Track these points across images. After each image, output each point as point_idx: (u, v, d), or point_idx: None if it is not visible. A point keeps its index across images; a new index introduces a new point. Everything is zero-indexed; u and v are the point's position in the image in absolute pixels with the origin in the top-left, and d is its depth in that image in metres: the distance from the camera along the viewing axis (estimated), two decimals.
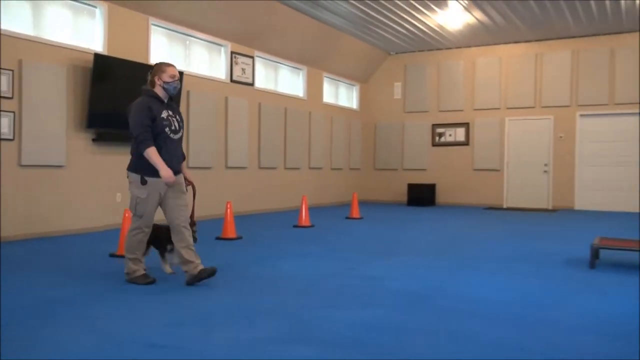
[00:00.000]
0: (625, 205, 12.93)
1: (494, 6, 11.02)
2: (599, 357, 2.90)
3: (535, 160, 13.86)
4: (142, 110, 4.33)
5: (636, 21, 11.94)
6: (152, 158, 4.29)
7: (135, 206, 4.42)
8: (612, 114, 13.06)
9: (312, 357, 2.85)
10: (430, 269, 5.45)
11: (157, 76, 4.46)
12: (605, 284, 4.80)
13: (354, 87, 15.66)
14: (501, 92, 14.14)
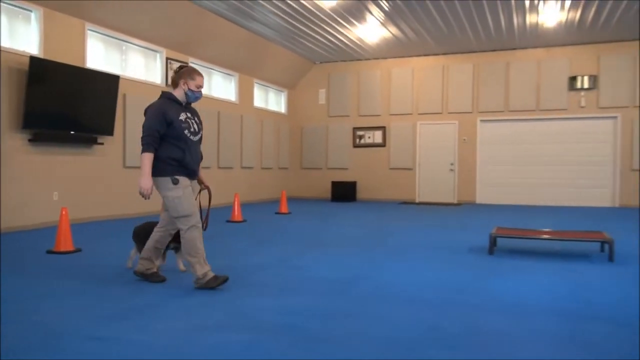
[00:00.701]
0: (519, 199, 13.66)
1: (407, 23, 11.32)
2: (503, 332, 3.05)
3: (443, 160, 14.36)
4: (156, 116, 3.93)
5: (527, 39, 12.62)
6: (144, 163, 3.89)
7: (177, 207, 3.95)
8: (507, 120, 13.75)
9: (245, 342, 2.83)
10: (354, 258, 5.50)
11: (184, 80, 4.07)
12: (503, 267, 5.03)
13: (283, 93, 15.63)
14: (413, 99, 14.55)
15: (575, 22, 11.17)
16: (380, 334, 2.97)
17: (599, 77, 12.89)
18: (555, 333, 3.02)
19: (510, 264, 5.21)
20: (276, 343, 2.81)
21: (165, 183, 3.96)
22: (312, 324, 3.16)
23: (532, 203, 13.49)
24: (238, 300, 3.73)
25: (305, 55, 14.47)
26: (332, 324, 3.18)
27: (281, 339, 2.87)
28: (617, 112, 12.81)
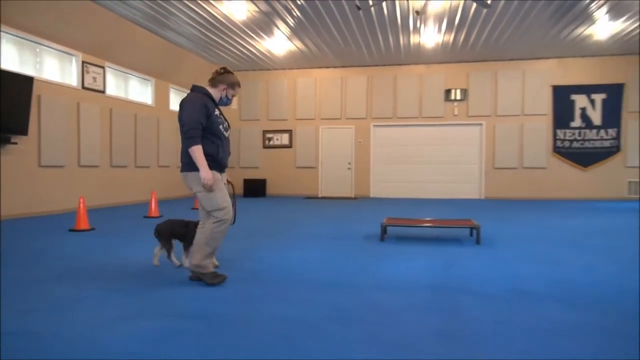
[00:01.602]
0: (406, 193, 14.33)
1: (310, 38, 11.47)
2: (390, 307, 3.21)
3: (342, 159, 14.73)
4: (199, 109, 3.57)
5: (411, 56, 13.26)
6: (197, 156, 3.54)
7: (212, 201, 3.62)
8: (396, 125, 14.37)
9: (161, 329, 2.76)
10: (265, 248, 5.50)
11: (225, 86, 3.78)
12: (392, 252, 5.27)
13: None
14: (316, 106, 14.77)
15: (450, 43, 11.92)
16: (287, 315, 3.02)
17: (468, 90, 13.85)
18: (431, 304, 3.24)
19: (398, 249, 5.45)
20: (192, 327, 2.77)
21: (197, 177, 3.61)
22: (225, 309, 3.14)
23: (417, 196, 14.22)
24: (152, 290, 3.61)
25: (218, 63, 14.19)
26: (245, 307, 3.18)
27: (195, 323, 2.83)
28: (482, 120, 13.84)
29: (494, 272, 4.25)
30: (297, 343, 2.54)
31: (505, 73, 13.65)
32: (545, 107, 13.52)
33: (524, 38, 11.45)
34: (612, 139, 13.21)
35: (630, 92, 13.09)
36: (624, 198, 13.20)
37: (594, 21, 10.17)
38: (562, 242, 5.93)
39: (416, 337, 2.62)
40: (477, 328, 2.78)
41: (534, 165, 13.59)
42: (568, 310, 3.12)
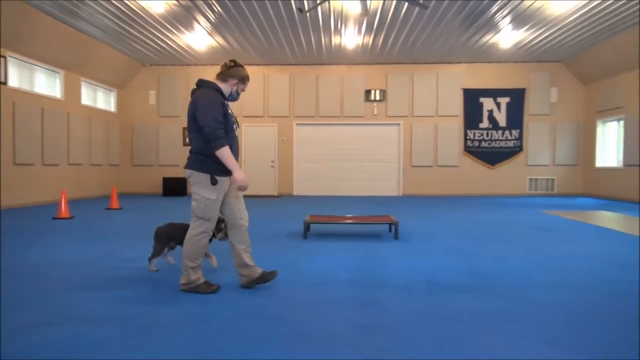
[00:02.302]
0: (328, 190, 14.55)
1: (232, 35, 11.29)
2: (310, 302, 3.24)
3: (265, 157, 14.65)
4: (218, 107, 3.30)
5: (333, 57, 13.47)
6: (226, 158, 3.28)
7: (204, 208, 3.35)
8: (318, 124, 14.54)
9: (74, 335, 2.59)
10: None
11: (236, 80, 3.50)
12: (314, 249, 5.33)
13: (112, 92, 14.43)
14: (239, 103, 14.56)
15: (369, 46, 12.25)
16: (205, 314, 2.95)
17: (387, 91, 14.32)
18: (351, 299, 3.32)
19: (320, 246, 5.52)
20: (107, 332, 2.63)
21: (203, 180, 3.34)
22: (141, 310, 3.01)
23: (339, 193, 14.48)
24: (65, 294, 3.38)
25: (135, 57, 13.56)
26: (159, 310, 3.07)
27: (108, 328, 2.69)
28: (400, 120, 14.38)
29: (411, 266, 4.43)
30: (212, 342, 2.49)
31: (421, 76, 14.27)
32: (456, 109, 14.31)
33: (438, 43, 12.04)
34: (515, 139, 14.26)
35: (531, 96, 14.21)
36: (525, 194, 14.31)
37: (499, 30, 10.92)
38: (473, 236, 6.31)
39: (337, 331, 2.67)
40: (395, 319, 2.89)
41: (447, 164, 14.34)
42: (480, 299, 3.33)
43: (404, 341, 2.53)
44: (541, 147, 14.29)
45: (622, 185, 12.43)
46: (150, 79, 14.69)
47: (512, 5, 9.29)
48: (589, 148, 14.07)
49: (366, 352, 2.38)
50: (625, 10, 9.41)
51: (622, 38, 11.08)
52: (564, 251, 5.17)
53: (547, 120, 14.29)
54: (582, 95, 14.29)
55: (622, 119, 12.63)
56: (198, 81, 3.49)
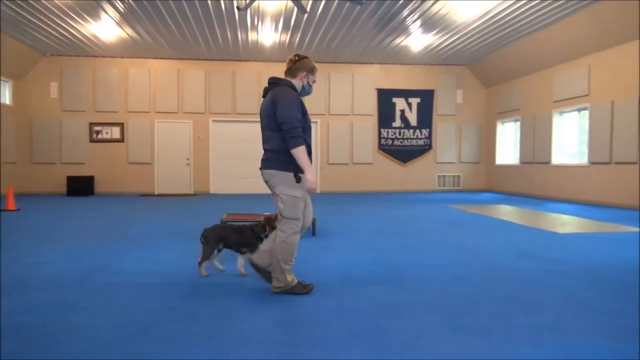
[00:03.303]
0: (246, 188, 14.40)
1: (142, 26, 10.79)
2: (237, 304, 3.20)
3: (180, 155, 14.19)
4: (296, 104, 3.24)
5: (250, 53, 13.34)
6: (302, 157, 3.18)
7: (293, 208, 3.25)
8: (235, 121, 14.33)
9: None
10: (95, 250, 5.03)
11: (305, 73, 3.44)
12: None
13: (7, 84, 13.20)
14: (151, 98, 13.98)
15: (286, 43, 12.29)
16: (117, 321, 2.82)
17: None
18: (269, 297, 3.33)
19: None
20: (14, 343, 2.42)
21: (288, 179, 3.24)
22: (52, 318, 2.80)
23: (257, 192, 14.38)
24: None
25: (34, 46, 12.52)
26: (67, 317, 2.88)
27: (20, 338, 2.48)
28: (317, 118, 14.57)
29: (328, 261, 4.52)
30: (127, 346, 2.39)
31: (337, 75, 14.56)
32: (371, 108, 14.78)
33: (353, 43, 12.36)
34: (425, 138, 15.02)
35: (439, 97, 15.03)
36: (435, 190, 15.12)
37: (410, 34, 11.43)
38: (387, 230, 6.57)
39: (259, 330, 2.67)
40: (314, 315, 2.94)
41: (363, 161, 14.78)
42: (393, 291, 3.48)
43: (323, 335, 2.59)
44: (448, 146, 15.18)
45: (519, 181, 13.56)
46: (52, 70, 13.63)
47: (422, 11, 9.76)
48: (490, 147, 15.17)
49: (286, 349, 2.40)
50: (522, 19, 10.24)
51: (519, 45, 12.05)
52: (469, 243, 5.55)
53: (454, 121, 15.20)
54: (484, 97, 15.37)
55: (518, 120, 13.75)
56: (271, 79, 3.47)
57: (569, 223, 7.36)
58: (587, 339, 2.52)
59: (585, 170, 10.87)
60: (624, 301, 3.22)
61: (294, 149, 3.18)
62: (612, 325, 2.73)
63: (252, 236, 3.82)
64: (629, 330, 2.66)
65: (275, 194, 3.31)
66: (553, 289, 3.53)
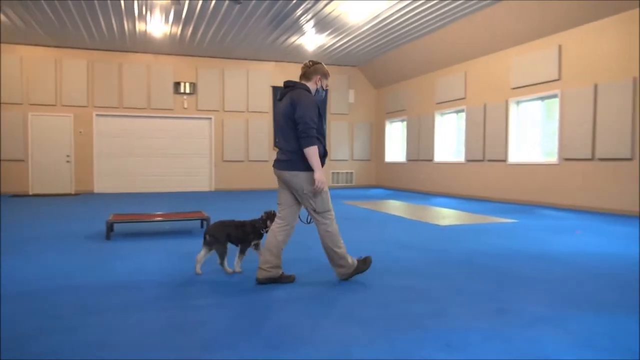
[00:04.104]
0: (136, 187, 13.61)
1: (11, 7, 9.70)
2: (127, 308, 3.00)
3: (59, 151, 13.01)
4: (313, 106, 3.45)
5: (138, 44, 12.62)
6: (313, 157, 3.39)
7: (324, 202, 3.51)
8: (122, 115, 13.48)
9: None
10: None
11: (319, 77, 3.66)
12: (119, 250, 4.95)
13: None
14: (23, 89, 12.63)
15: (178, 36, 11.81)
16: None
17: (197, 84, 14.01)
18: (164, 299, 3.18)
19: (126, 246, 5.16)
20: None
21: (311, 177, 3.45)
22: None
23: (148, 190, 13.67)
24: None
25: None
26: None
27: None
28: (211, 114, 14.22)
29: None
30: None
31: (232, 71, 14.32)
32: (266, 105, 14.75)
33: (247, 40, 12.23)
34: None
35: (333, 97, 15.44)
36: (329, 186, 15.52)
37: (304, 33, 11.59)
38: None
39: (149, 335, 2.54)
40: (209, 316, 2.86)
41: (258, 159, 14.71)
42: (289, 287, 3.50)
43: (222, 335, 2.53)
44: (341, 144, 15.66)
45: (406, 178, 14.41)
46: None
47: (315, 11, 9.94)
48: (380, 145, 15.93)
49: (182, 352, 2.31)
50: (408, 25, 10.87)
51: (405, 49, 12.78)
52: (361, 236, 5.77)
53: (346, 120, 15.72)
54: (374, 97, 16.09)
55: (405, 120, 14.59)
56: (288, 82, 3.65)
57: (449, 216, 7.98)
58: (466, 322, 2.74)
59: (462, 167, 11.85)
60: (496, 285, 3.57)
61: (306, 148, 3.38)
62: (486, 306, 3.01)
63: (252, 231, 3.88)
64: (500, 311, 2.95)
65: (303, 193, 3.50)
66: (435, 277, 3.80)
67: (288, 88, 3.62)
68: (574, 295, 3.27)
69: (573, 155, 8.82)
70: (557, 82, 9.17)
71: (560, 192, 9.13)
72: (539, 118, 9.95)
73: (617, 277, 3.79)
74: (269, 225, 3.82)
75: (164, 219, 5.91)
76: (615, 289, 3.43)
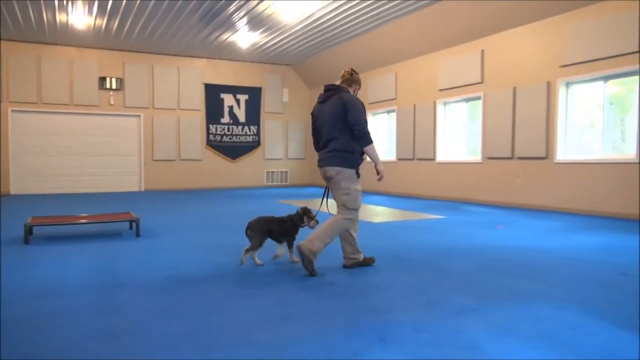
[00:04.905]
0: (58, 188, 12.81)
1: None
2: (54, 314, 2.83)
3: None
4: (364, 110, 3.83)
5: (59, 36, 11.89)
6: (374, 153, 3.84)
7: (356, 200, 3.84)
8: (42, 112, 12.63)
9: None
10: None
11: (357, 86, 4.07)
12: (40, 255, 4.66)
13: None
14: None
15: (103, 28, 11.25)
16: None
17: (124, 80, 13.42)
18: (92, 305, 3.04)
19: (49, 251, 4.87)
20: None
21: (351, 175, 3.83)
22: None
23: (71, 191, 12.91)
24: None
25: None
26: None
27: None
28: (140, 111, 13.69)
29: (155, 263, 4.30)
30: None
31: (162, 67, 13.85)
32: (198, 103, 14.42)
33: (178, 35, 11.89)
34: (254, 134, 15.23)
35: (266, 95, 15.37)
36: (264, 185, 15.45)
37: (237, 30, 11.44)
38: (215, 227, 6.50)
39: (79, 342, 2.41)
40: (142, 319, 2.77)
41: (191, 158, 14.35)
42: (222, 286, 3.47)
43: (153, 339, 2.46)
44: (276, 143, 15.63)
45: None
46: None
47: (248, 9, 9.84)
48: None
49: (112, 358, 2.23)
50: (341, 26, 11.03)
51: (337, 50, 12.96)
52: None
53: (281, 118, 15.71)
54: (308, 96, 16.19)
55: None
56: (330, 85, 3.98)
57: (382, 213, 8.21)
58: (398, 316, 2.85)
59: (394, 165, 12.23)
60: (425, 278, 3.73)
61: (367, 147, 3.79)
62: (416, 300, 3.14)
63: (292, 227, 4.14)
64: (429, 303, 3.09)
65: (340, 188, 3.83)
66: (367, 273, 3.91)
67: (331, 91, 3.94)
68: (495, 286, 3.49)
69: (495, 154, 9.37)
70: (481, 84, 9.70)
71: (484, 189, 9.67)
72: (465, 119, 10.47)
73: (535, 268, 4.08)
74: (305, 221, 4.15)
75: (89, 221, 5.63)
76: (532, 279, 3.70)
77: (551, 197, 8.37)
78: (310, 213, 4.19)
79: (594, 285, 3.50)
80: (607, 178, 7.52)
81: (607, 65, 7.48)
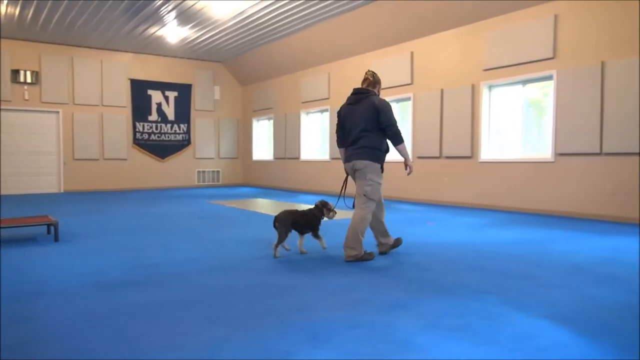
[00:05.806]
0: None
1: None
2: None
3: None
4: (392, 111, 4.29)
5: None
6: (405, 150, 4.31)
7: (378, 192, 4.31)
8: None
9: None
10: None
11: (380, 87, 4.52)
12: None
13: None
14: None
15: (15, 17, 10.49)
16: None
17: (41, 73, 12.60)
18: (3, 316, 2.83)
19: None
20: None
21: (376, 169, 4.28)
22: None
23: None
24: None
25: None
26: None
27: None
28: (59, 107, 12.91)
29: (75, 268, 4.08)
30: None
31: (83, 61, 13.14)
32: (124, 100, 13.82)
33: (101, 27, 11.32)
34: (183, 133, 14.82)
35: (197, 93, 15.02)
36: (195, 185, 15.08)
37: (165, 24, 11.08)
38: (142, 229, 6.27)
39: None
40: (61, 329, 2.62)
41: (116, 157, 13.72)
42: (149, 292, 3.35)
43: (74, 350, 2.33)
44: (207, 142, 15.31)
45: (274, 176, 14.59)
46: None
47: (176, 2, 9.56)
48: (247, 143, 15.91)
49: None
50: (274, 23, 10.99)
51: (270, 48, 12.91)
52: (225, 236, 5.73)
53: (212, 117, 15.41)
54: (240, 94, 16.00)
55: (272, 118, 14.76)
56: (360, 89, 4.41)
57: None
58: (330, 314, 2.89)
59: (327, 164, 12.36)
60: (356, 276, 3.81)
61: (399, 145, 4.26)
62: (348, 298, 3.20)
63: (314, 219, 4.53)
64: (361, 300, 3.15)
65: (366, 179, 4.25)
66: (297, 273, 3.93)
67: (362, 94, 4.37)
68: (424, 281, 3.63)
69: (424, 154, 9.73)
70: (410, 86, 10.04)
71: (415, 187, 10.02)
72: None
73: (462, 262, 4.29)
74: (325, 213, 4.55)
75: (1, 226, 5.23)
76: (459, 273, 3.88)
77: (476, 195, 8.83)
78: (328, 205, 4.59)
79: (512, 277, 3.74)
80: (525, 176, 8.05)
81: (525, 70, 8.01)
